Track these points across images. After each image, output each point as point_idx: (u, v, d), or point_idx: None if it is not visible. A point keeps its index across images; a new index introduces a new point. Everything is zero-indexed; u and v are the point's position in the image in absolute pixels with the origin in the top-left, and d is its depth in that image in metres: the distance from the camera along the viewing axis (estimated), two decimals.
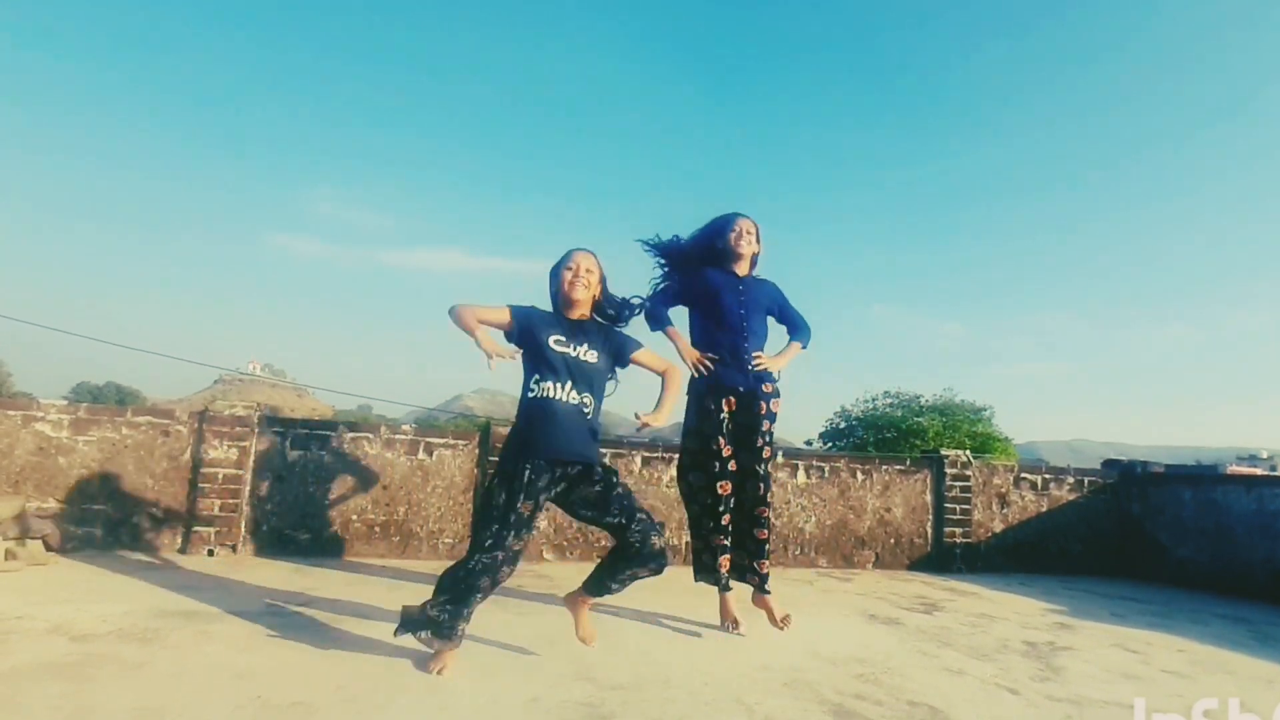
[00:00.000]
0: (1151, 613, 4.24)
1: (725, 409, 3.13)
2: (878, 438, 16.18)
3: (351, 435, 4.56)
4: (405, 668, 2.38)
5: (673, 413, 2.70)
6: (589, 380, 2.52)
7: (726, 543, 3.14)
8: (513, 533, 2.35)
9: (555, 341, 2.49)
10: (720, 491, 3.10)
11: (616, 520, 2.49)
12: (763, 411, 3.15)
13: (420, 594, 3.43)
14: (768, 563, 3.19)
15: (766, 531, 3.18)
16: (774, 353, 3.29)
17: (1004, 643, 3.26)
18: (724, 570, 3.14)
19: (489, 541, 2.34)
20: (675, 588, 4.10)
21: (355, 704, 2.04)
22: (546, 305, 2.67)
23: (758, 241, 3.26)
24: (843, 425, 17.77)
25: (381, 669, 2.35)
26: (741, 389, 3.14)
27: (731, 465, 3.12)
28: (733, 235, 3.21)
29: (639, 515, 2.49)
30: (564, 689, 2.26)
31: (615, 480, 2.55)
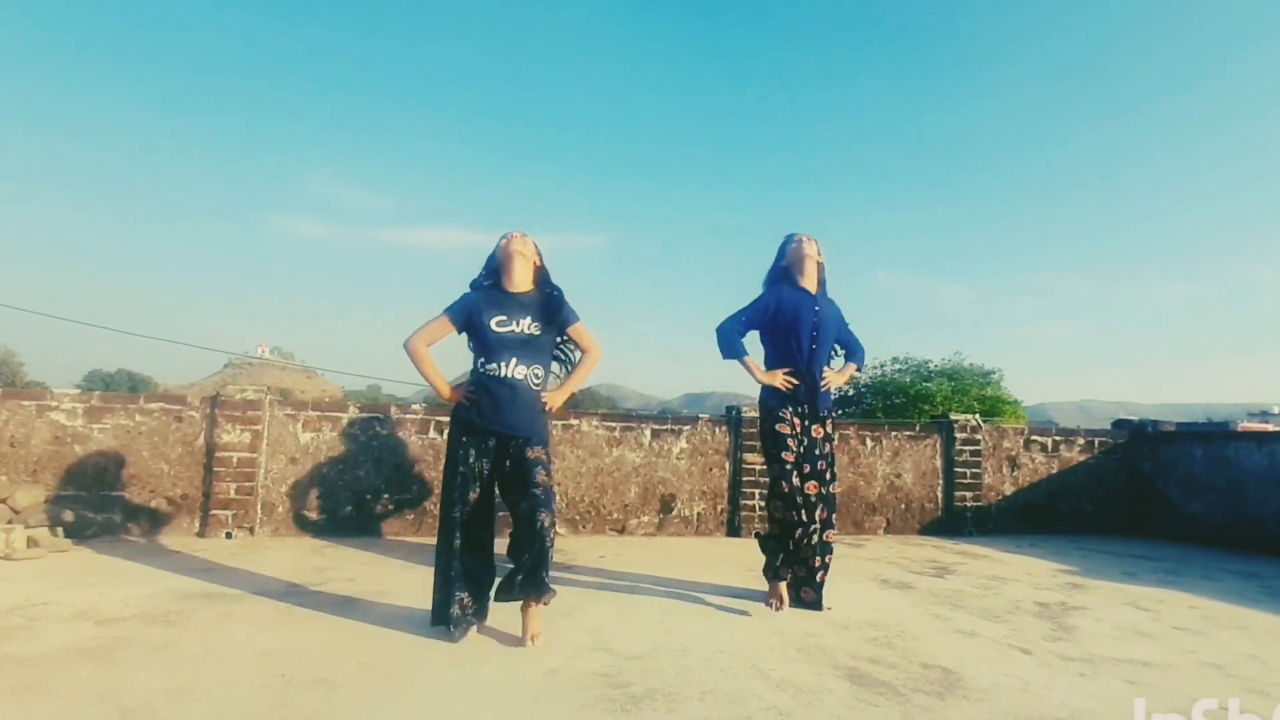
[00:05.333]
0: (1163, 570, 4.26)
1: (794, 428, 3.03)
2: (886, 404, 16.17)
3: (362, 416, 4.59)
4: (425, 643, 2.42)
5: (572, 393, 2.81)
6: (535, 352, 2.61)
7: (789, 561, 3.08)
8: (470, 487, 2.54)
9: (497, 323, 2.56)
10: (785, 471, 3.00)
11: (516, 496, 2.54)
12: (820, 435, 3.07)
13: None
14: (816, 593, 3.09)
15: (828, 557, 3.10)
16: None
17: (1016, 604, 3.28)
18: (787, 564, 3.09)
19: (455, 495, 2.54)
20: (689, 557, 4.14)
21: (377, 679, 2.07)
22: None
23: (819, 253, 3.17)
24: (851, 393, 17.76)
25: (402, 645, 2.39)
26: (806, 408, 3.05)
27: (797, 480, 3.01)
28: (792, 248, 3.16)
29: (533, 490, 2.50)
30: (582, 660, 2.30)
31: (528, 456, 2.54)
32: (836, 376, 3.19)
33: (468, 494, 2.54)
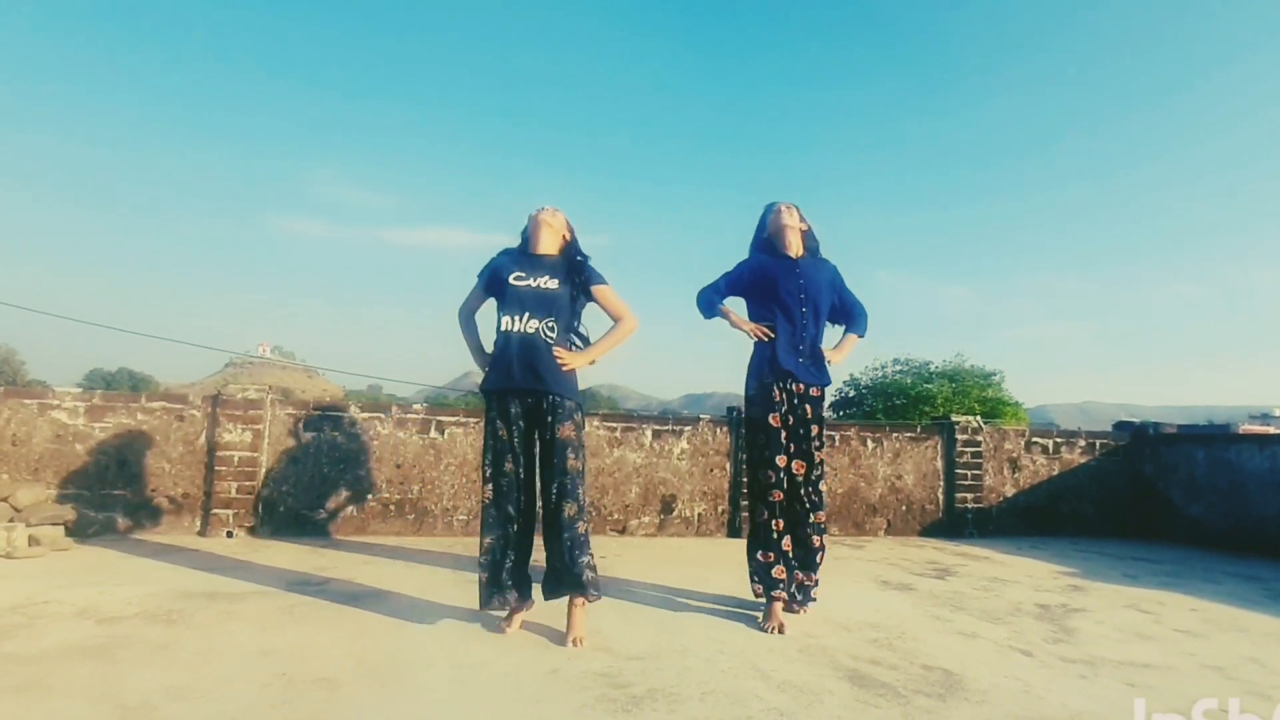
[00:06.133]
0: (1164, 573, 4.25)
1: (781, 394, 2.92)
2: (887, 405, 16.19)
3: (363, 415, 4.59)
4: (426, 642, 2.42)
5: (598, 358, 2.73)
6: (549, 306, 2.59)
7: (779, 543, 2.90)
8: (503, 459, 2.54)
9: (515, 278, 2.60)
10: (776, 479, 2.87)
11: (545, 479, 2.54)
12: (809, 415, 2.95)
13: (436, 570, 3.49)
14: (815, 575, 3.00)
15: (819, 539, 2.98)
16: (829, 345, 3.10)
17: (1017, 606, 3.28)
18: (778, 576, 2.86)
19: (487, 472, 2.57)
20: (690, 558, 4.14)
21: (379, 678, 2.07)
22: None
23: (801, 220, 3.09)
24: (852, 394, 17.78)
25: (403, 644, 2.39)
26: (797, 375, 2.92)
27: (781, 460, 2.89)
28: (771, 218, 3.10)
29: (561, 477, 2.50)
30: (583, 660, 2.29)
31: (559, 435, 2.52)
32: (837, 354, 3.08)
33: (501, 466, 2.54)
